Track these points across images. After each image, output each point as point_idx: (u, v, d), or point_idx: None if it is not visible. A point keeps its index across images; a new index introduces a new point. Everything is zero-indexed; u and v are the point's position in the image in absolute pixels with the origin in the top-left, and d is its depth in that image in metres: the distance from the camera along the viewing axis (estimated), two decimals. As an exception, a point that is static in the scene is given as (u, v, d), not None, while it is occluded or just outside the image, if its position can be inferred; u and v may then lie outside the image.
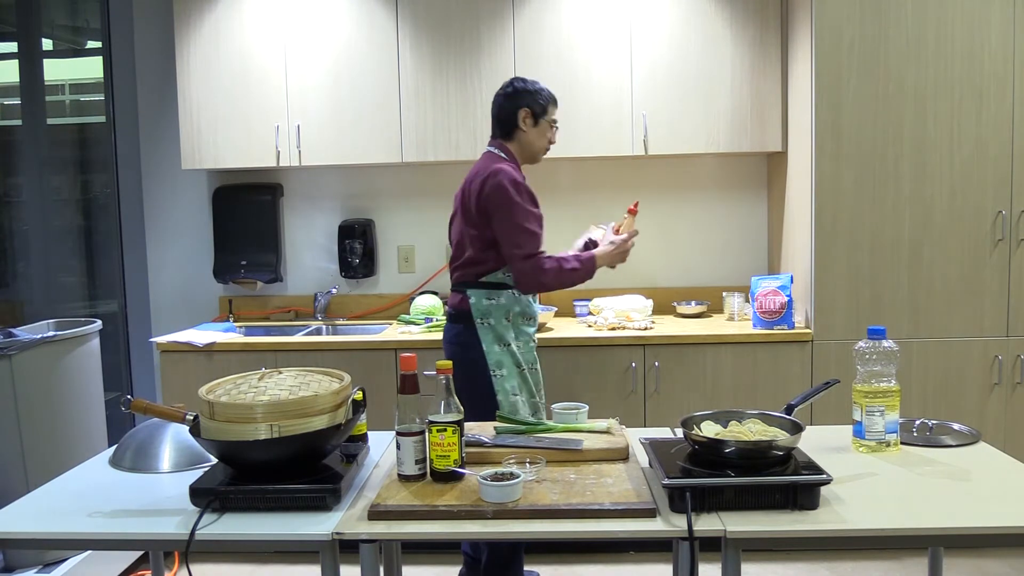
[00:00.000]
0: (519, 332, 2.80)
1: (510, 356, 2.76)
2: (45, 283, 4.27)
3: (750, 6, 3.59)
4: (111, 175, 4.16)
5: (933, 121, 3.27)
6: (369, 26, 3.67)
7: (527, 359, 2.81)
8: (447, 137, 3.68)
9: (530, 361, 2.83)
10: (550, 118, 2.89)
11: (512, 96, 2.84)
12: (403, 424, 1.83)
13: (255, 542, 1.69)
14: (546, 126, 2.88)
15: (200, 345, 3.46)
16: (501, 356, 2.74)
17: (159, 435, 2.09)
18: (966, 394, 3.34)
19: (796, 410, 1.91)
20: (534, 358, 2.86)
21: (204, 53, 3.72)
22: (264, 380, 1.87)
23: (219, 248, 4.02)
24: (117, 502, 1.82)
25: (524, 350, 2.81)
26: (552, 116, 2.89)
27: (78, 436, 3.06)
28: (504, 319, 2.77)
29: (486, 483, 1.71)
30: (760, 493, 1.68)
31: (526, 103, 2.83)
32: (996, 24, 3.22)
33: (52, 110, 4.35)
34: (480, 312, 2.75)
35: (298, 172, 4.07)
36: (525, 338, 2.82)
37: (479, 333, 2.74)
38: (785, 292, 3.36)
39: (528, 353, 2.83)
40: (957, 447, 2.08)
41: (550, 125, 2.90)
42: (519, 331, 2.80)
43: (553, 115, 2.90)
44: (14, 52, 4.23)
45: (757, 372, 3.37)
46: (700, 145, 3.64)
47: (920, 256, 3.31)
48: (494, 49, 3.63)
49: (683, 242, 4.03)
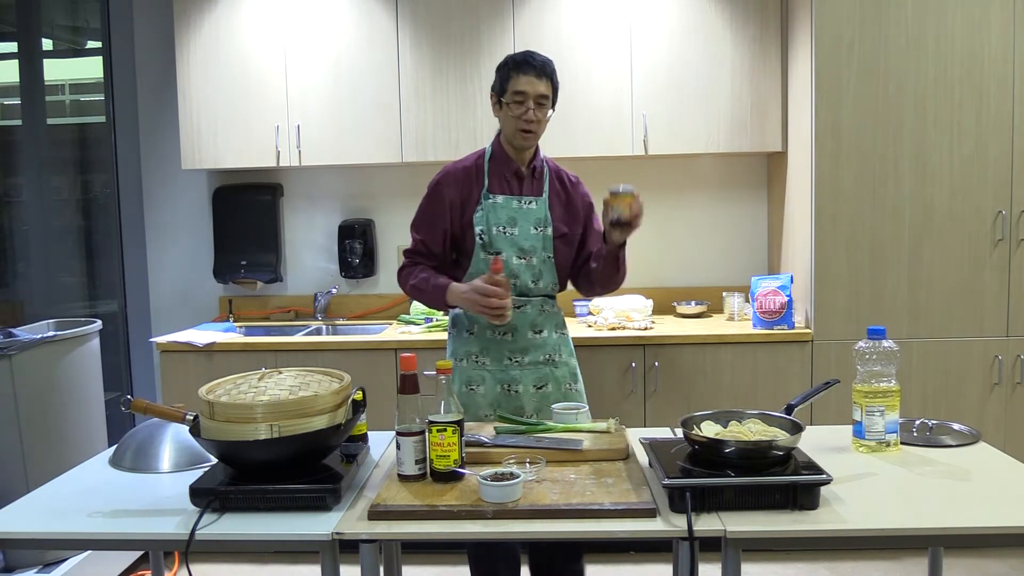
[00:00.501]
0: (487, 347, 2.50)
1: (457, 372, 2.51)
2: (45, 283, 4.27)
3: (750, 6, 3.59)
4: (111, 175, 4.16)
5: (933, 121, 3.27)
6: (369, 26, 3.67)
7: (465, 377, 2.49)
8: (447, 137, 3.68)
9: (470, 381, 2.49)
10: (511, 90, 2.40)
11: None
12: (403, 424, 1.82)
13: (255, 542, 1.69)
14: (510, 104, 2.41)
15: (200, 345, 3.46)
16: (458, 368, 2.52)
17: (159, 435, 2.09)
18: (966, 394, 3.34)
19: (796, 410, 1.91)
20: (480, 378, 2.48)
21: (204, 53, 3.72)
22: (264, 380, 1.87)
23: (219, 248, 4.02)
24: (117, 502, 1.82)
25: (496, 370, 2.49)
26: (517, 87, 2.39)
27: (78, 436, 3.06)
28: (463, 332, 2.53)
29: (486, 483, 1.71)
30: (760, 493, 1.68)
31: (492, 84, 2.49)
32: (996, 24, 3.22)
33: (52, 110, 4.35)
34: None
35: (298, 172, 4.07)
36: (497, 354, 2.49)
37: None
38: (785, 292, 3.36)
39: (470, 371, 2.49)
40: (957, 447, 2.08)
41: (513, 99, 2.40)
42: (486, 345, 2.49)
43: (518, 86, 2.39)
44: (14, 52, 4.23)
45: (757, 372, 3.37)
46: (700, 145, 3.64)
47: (920, 256, 3.31)
48: (494, 49, 3.63)
49: (683, 242, 4.03)
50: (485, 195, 2.48)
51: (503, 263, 2.39)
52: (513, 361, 2.50)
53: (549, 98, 2.44)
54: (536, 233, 2.50)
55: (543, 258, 2.51)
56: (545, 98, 2.43)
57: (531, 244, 2.49)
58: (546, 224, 2.50)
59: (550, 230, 2.51)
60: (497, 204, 2.48)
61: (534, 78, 2.40)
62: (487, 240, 2.46)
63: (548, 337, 2.54)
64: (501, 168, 2.51)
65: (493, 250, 2.46)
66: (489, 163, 2.51)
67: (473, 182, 2.49)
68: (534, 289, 2.51)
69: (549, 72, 2.44)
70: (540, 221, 2.50)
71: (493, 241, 2.46)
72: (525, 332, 2.50)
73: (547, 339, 2.53)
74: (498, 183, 2.50)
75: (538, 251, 2.49)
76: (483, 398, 2.48)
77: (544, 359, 2.52)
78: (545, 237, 2.50)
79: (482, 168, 2.50)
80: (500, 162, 2.51)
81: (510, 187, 2.51)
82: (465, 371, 2.50)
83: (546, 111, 2.45)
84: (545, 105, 2.44)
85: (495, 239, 2.46)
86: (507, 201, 2.49)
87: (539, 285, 2.52)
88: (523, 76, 2.39)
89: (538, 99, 2.41)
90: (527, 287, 2.50)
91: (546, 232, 2.50)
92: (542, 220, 2.50)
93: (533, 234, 2.49)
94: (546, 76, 2.42)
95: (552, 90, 2.45)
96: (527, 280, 2.49)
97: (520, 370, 2.50)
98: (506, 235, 2.47)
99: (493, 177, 2.50)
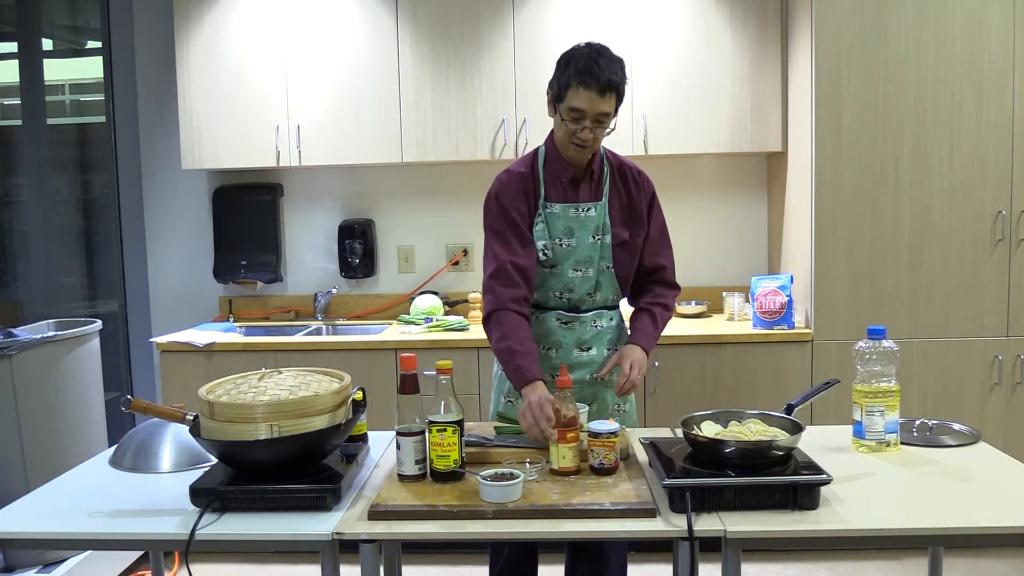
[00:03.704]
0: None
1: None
2: (45, 283, 4.27)
3: (750, 7, 3.59)
4: (111, 175, 4.16)
5: (933, 121, 3.27)
6: (369, 26, 3.67)
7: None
8: (447, 137, 3.68)
9: (510, 392, 2.32)
10: (567, 105, 2.15)
11: None
12: (403, 424, 1.83)
13: (255, 542, 1.69)
14: (565, 119, 2.18)
15: (200, 345, 3.46)
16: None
17: (159, 435, 2.09)
18: (966, 394, 3.34)
19: (796, 410, 1.91)
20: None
21: (204, 53, 3.72)
22: (264, 380, 1.87)
23: (219, 248, 4.02)
24: (117, 502, 1.82)
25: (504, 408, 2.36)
26: (575, 103, 2.13)
27: (78, 436, 3.06)
28: None
29: (486, 483, 1.71)
30: (760, 493, 1.68)
31: (551, 80, 2.24)
32: (996, 24, 3.22)
33: (52, 110, 4.35)
34: None
35: (298, 172, 4.07)
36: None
37: None
38: (785, 292, 3.36)
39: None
40: (957, 447, 2.08)
41: (568, 115, 2.16)
42: None
43: (576, 102, 2.13)
44: (14, 52, 4.24)
45: (757, 372, 3.37)
46: (700, 145, 3.64)
47: (920, 256, 3.31)
48: (494, 49, 3.63)
49: (683, 242, 4.00)
50: (543, 204, 2.28)
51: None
52: (555, 379, 2.32)
53: (611, 114, 2.18)
54: (594, 242, 2.29)
55: (601, 268, 2.31)
56: (606, 115, 2.17)
57: (588, 255, 2.29)
58: (604, 231, 2.29)
59: (609, 238, 2.30)
60: (554, 214, 2.28)
61: (596, 95, 2.12)
62: (551, 255, 2.28)
63: (597, 355, 2.33)
64: (557, 173, 2.29)
65: (550, 263, 2.28)
66: (544, 168, 2.30)
67: (530, 190, 2.29)
68: (589, 302, 2.33)
69: (616, 85, 2.14)
70: (599, 228, 2.29)
71: (553, 254, 2.28)
72: (571, 350, 2.32)
73: (595, 357, 2.33)
74: (555, 190, 2.29)
75: (595, 261, 2.29)
76: None
77: (592, 378, 2.33)
78: (604, 246, 2.30)
79: (537, 174, 2.29)
80: (555, 166, 2.29)
81: (567, 194, 2.29)
82: (506, 382, 2.34)
83: (606, 127, 2.20)
84: (605, 123, 2.18)
85: (554, 252, 2.28)
86: (564, 210, 2.28)
87: (596, 298, 2.33)
88: (583, 91, 2.12)
89: (597, 117, 2.16)
90: (581, 299, 2.32)
91: (604, 240, 2.30)
92: (600, 227, 2.29)
93: (591, 243, 2.29)
94: (611, 91, 2.14)
95: (617, 102, 2.18)
96: (582, 292, 2.31)
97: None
98: (563, 247, 2.28)
99: (549, 183, 2.30)
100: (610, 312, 2.38)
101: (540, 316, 2.34)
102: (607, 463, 1.85)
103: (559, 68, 2.19)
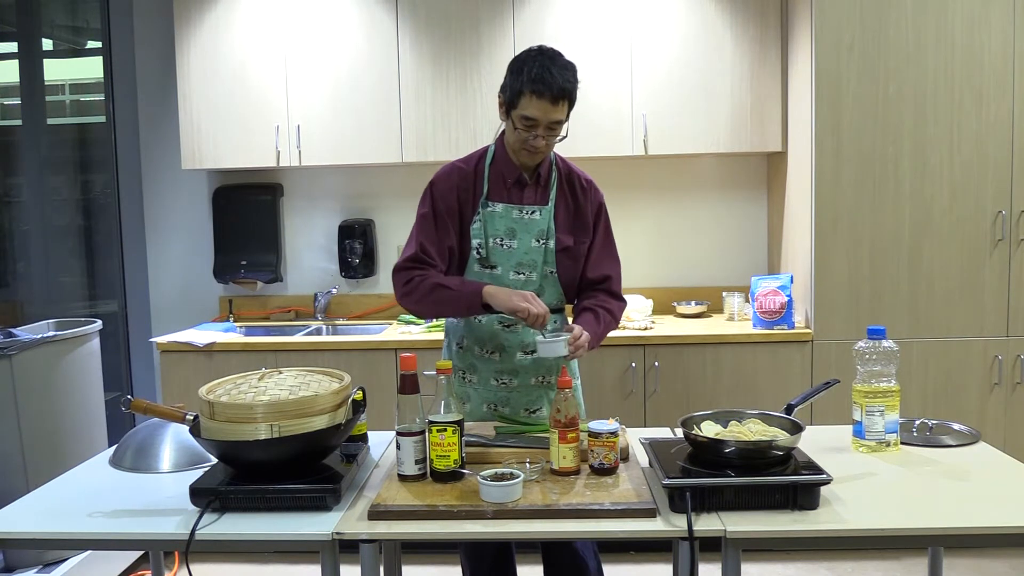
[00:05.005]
0: (473, 365, 2.35)
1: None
2: (45, 283, 4.27)
3: (750, 7, 3.59)
4: (111, 175, 4.16)
5: (933, 121, 3.27)
6: (369, 26, 3.67)
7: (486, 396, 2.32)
8: (447, 137, 3.68)
9: (460, 394, 2.32)
10: (520, 113, 2.15)
11: None
12: (403, 424, 1.83)
13: (255, 542, 1.69)
14: (517, 126, 2.17)
15: (200, 345, 3.46)
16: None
17: (159, 435, 2.09)
18: (966, 394, 3.34)
19: (796, 410, 1.91)
20: (466, 395, 2.32)
21: (204, 53, 3.72)
22: (264, 380, 1.87)
23: (219, 248, 4.02)
24: (117, 502, 1.82)
25: (483, 389, 2.35)
26: (527, 111, 2.13)
27: (78, 436, 3.06)
28: (453, 344, 2.38)
29: (486, 483, 1.71)
30: (760, 493, 1.68)
31: (503, 85, 2.23)
32: (996, 24, 3.22)
33: (52, 110, 4.35)
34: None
35: (298, 172, 4.07)
36: (485, 374, 2.32)
37: None
38: (785, 292, 3.36)
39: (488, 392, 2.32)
40: (957, 447, 2.08)
41: (521, 123, 2.16)
42: (473, 363, 2.35)
43: (529, 110, 2.13)
44: (14, 52, 4.24)
45: (757, 372, 3.37)
46: (700, 145, 3.64)
47: (920, 256, 3.31)
48: (494, 49, 3.63)
49: (683, 242, 4.03)
50: (483, 203, 2.27)
51: None
52: (500, 383, 2.32)
53: (563, 121, 2.18)
54: (538, 246, 2.28)
55: (544, 273, 2.29)
56: (559, 123, 2.17)
57: (531, 258, 2.27)
58: (549, 236, 2.28)
59: (552, 242, 2.28)
60: (496, 213, 2.27)
61: (549, 104, 2.12)
62: (484, 254, 2.27)
63: (543, 359, 2.25)
64: (502, 173, 2.28)
65: (489, 264, 2.28)
66: (490, 167, 2.28)
67: (471, 187, 2.28)
68: None
69: (568, 93, 2.15)
70: (543, 233, 2.27)
71: (490, 255, 2.27)
72: (514, 354, 2.30)
73: (542, 361, 2.27)
74: (498, 190, 2.28)
75: (539, 265, 2.28)
76: (470, 416, 2.32)
77: (537, 381, 2.33)
78: (548, 250, 2.28)
79: (482, 172, 2.28)
80: (502, 166, 2.28)
81: (511, 195, 2.28)
82: (455, 383, 2.34)
83: (557, 134, 2.20)
84: (556, 130, 2.18)
85: (492, 252, 2.27)
86: (507, 210, 2.27)
87: None
88: (536, 99, 2.11)
89: (550, 125, 2.16)
90: None
91: (548, 245, 2.28)
92: (544, 232, 2.27)
93: (534, 247, 2.27)
94: (564, 99, 2.14)
95: (569, 109, 2.18)
96: None
97: (509, 392, 2.33)
98: (503, 248, 2.27)
99: (493, 183, 2.28)
100: (554, 316, 2.30)
101: (482, 319, 2.30)
102: (607, 463, 1.84)
103: (511, 74, 2.18)
